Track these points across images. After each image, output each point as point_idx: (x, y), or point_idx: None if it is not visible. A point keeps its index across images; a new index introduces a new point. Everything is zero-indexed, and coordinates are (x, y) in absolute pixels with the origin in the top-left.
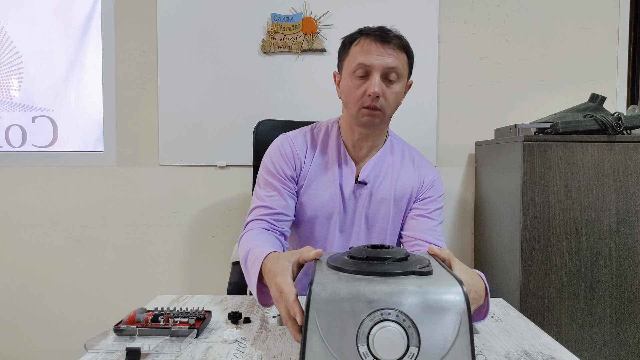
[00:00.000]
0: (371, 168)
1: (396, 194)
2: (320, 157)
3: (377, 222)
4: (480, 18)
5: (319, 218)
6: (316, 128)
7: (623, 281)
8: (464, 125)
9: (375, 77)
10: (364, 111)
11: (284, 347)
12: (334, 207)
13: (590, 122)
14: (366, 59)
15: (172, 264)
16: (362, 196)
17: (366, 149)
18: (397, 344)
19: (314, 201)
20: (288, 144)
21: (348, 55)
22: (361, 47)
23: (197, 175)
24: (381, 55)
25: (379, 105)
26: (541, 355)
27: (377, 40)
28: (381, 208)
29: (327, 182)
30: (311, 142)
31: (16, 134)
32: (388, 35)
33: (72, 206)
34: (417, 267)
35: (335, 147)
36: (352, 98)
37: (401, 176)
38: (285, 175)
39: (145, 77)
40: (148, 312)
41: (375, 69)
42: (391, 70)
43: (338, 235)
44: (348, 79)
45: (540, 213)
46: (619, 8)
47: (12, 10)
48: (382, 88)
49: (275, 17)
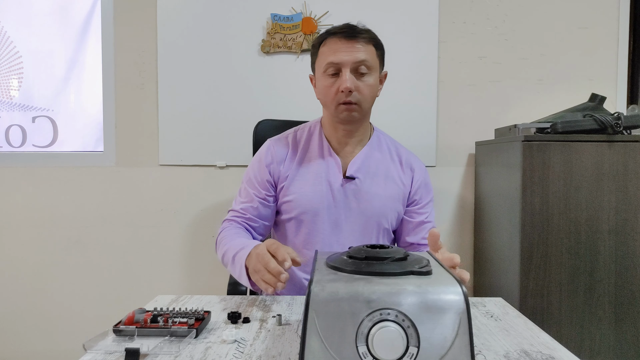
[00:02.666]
0: (360, 163)
1: (388, 190)
2: (303, 156)
3: (371, 217)
4: (479, 18)
5: (307, 214)
6: (299, 130)
7: (622, 281)
8: (464, 125)
9: (346, 73)
10: (341, 107)
11: (283, 347)
12: (322, 203)
13: (590, 122)
14: (335, 56)
15: (172, 264)
16: (353, 191)
17: (352, 145)
18: (396, 344)
19: (299, 198)
20: (268, 150)
21: (318, 57)
22: (329, 46)
23: (196, 175)
24: (348, 50)
25: (354, 100)
26: (540, 354)
27: (344, 37)
28: (373, 203)
29: (311, 179)
30: (293, 144)
31: (16, 134)
32: (354, 30)
33: (72, 206)
34: (416, 267)
35: (317, 144)
36: (328, 97)
37: (391, 172)
38: (261, 183)
39: (145, 77)
40: (147, 313)
41: (344, 65)
42: (360, 63)
43: (330, 231)
44: (322, 79)
45: (539, 213)
46: (619, 8)
47: (12, 10)
48: (355, 82)
49: (275, 17)
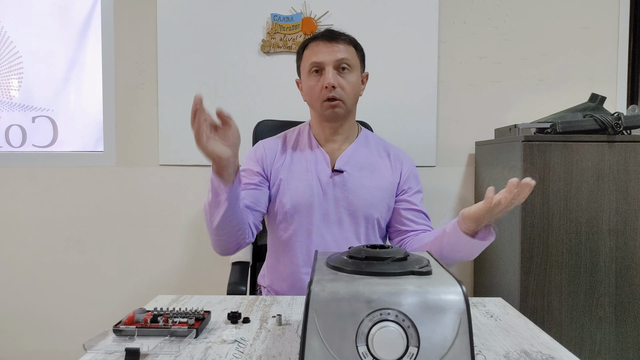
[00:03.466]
0: (347, 158)
1: (375, 182)
2: (292, 154)
3: (360, 208)
4: (480, 18)
5: (299, 209)
6: (289, 131)
7: (623, 281)
8: (464, 125)
9: (329, 70)
10: (325, 104)
11: (284, 347)
12: (312, 197)
13: (590, 122)
14: (317, 57)
15: (172, 264)
16: (341, 183)
17: (338, 142)
18: (396, 344)
19: (290, 194)
20: (258, 147)
21: (302, 60)
22: (312, 49)
23: (197, 175)
24: (329, 50)
25: (338, 96)
26: (540, 354)
27: (325, 40)
28: (362, 194)
29: (301, 175)
30: (282, 144)
31: (16, 134)
32: (334, 33)
33: (72, 206)
34: (416, 267)
35: (306, 143)
36: (313, 95)
37: (379, 165)
38: (253, 173)
39: (145, 77)
40: (147, 313)
41: (327, 63)
42: (341, 61)
43: (323, 225)
44: (306, 80)
45: (540, 213)
46: (619, 8)
47: (12, 10)
48: (337, 79)
49: (275, 17)
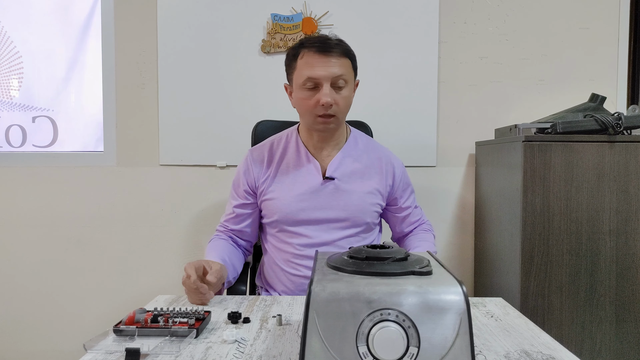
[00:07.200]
0: (337, 164)
1: (366, 187)
2: (280, 162)
3: (352, 214)
4: (480, 18)
5: (290, 216)
6: (277, 139)
7: (623, 281)
8: (464, 125)
9: (325, 87)
10: (318, 119)
11: (284, 347)
12: (301, 205)
13: (591, 122)
14: (313, 72)
15: (172, 264)
16: (332, 190)
17: (328, 149)
18: (396, 344)
19: (278, 203)
20: (246, 159)
21: (295, 70)
22: (305, 60)
23: (197, 175)
24: (325, 65)
25: (332, 112)
26: (541, 355)
27: (319, 51)
28: (353, 200)
29: (290, 183)
30: (269, 152)
31: (16, 134)
32: (329, 44)
33: (72, 206)
34: (416, 267)
35: (295, 150)
36: (306, 108)
37: (369, 169)
38: (240, 193)
39: (145, 77)
40: (147, 313)
41: (324, 79)
42: (338, 78)
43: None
44: (299, 92)
45: (540, 213)
46: (619, 8)
47: (12, 10)
48: (334, 96)
49: (275, 17)
